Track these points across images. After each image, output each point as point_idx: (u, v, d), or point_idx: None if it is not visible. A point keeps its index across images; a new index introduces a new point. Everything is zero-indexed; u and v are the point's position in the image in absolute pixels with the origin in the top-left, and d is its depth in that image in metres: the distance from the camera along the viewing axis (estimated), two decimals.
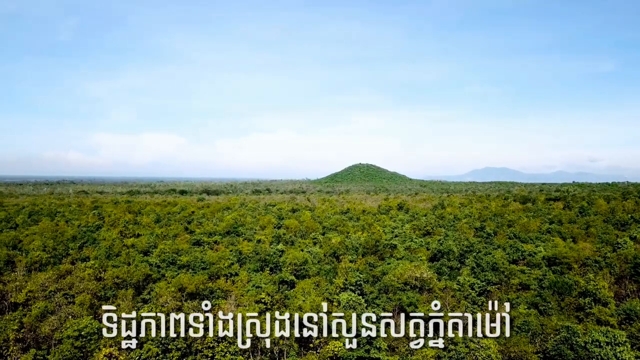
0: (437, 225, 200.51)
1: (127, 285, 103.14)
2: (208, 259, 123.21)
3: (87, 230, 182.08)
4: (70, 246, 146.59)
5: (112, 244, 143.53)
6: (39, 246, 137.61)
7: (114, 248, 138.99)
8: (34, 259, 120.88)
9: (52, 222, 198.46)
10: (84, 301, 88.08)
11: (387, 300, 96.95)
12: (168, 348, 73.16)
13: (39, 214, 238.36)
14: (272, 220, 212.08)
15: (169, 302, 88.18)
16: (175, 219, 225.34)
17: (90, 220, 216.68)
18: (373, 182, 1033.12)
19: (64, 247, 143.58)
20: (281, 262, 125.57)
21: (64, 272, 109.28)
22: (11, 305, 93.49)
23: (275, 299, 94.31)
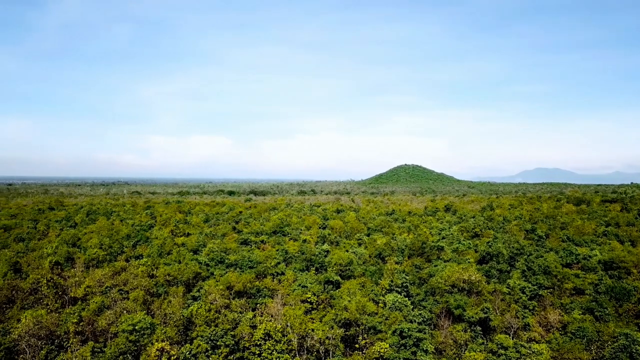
0: (485, 227, 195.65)
1: (177, 282, 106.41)
2: (255, 258, 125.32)
3: (140, 229, 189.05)
4: (125, 244, 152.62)
5: (164, 243, 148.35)
6: (96, 244, 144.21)
7: (165, 246, 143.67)
8: (92, 256, 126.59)
9: (108, 221, 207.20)
10: (138, 297, 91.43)
11: (434, 303, 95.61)
12: (217, 344, 74.97)
13: (96, 214, 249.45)
14: (317, 220, 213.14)
15: (218, 300, 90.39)
16: (223, 219, 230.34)
17: (143, 219, 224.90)
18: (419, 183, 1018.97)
19: (119, 245, 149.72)
20: (326, 262, 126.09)
21: (119, 269, 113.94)
22: (71, 300, 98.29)
23: (321, 298, 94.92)
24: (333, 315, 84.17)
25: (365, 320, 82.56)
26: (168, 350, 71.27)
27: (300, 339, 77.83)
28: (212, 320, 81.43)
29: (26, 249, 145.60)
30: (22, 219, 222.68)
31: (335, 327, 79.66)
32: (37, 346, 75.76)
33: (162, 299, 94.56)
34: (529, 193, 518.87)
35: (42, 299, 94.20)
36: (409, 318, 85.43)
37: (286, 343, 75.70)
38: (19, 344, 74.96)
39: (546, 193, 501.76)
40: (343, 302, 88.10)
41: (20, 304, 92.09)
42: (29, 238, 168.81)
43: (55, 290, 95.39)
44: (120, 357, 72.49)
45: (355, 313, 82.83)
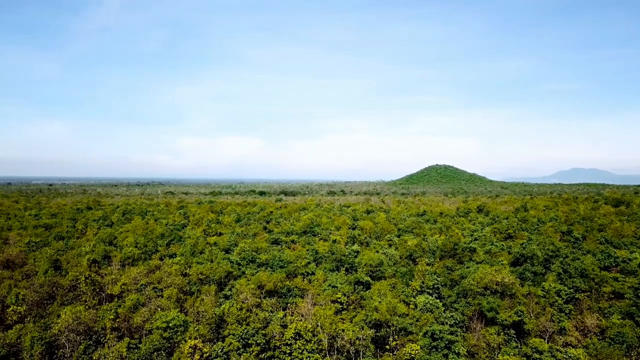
0: (519, 228, 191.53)
1: (210, 281, 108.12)
2: (286, 258, 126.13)
3: (174, 228, 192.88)
4: (159, 243, 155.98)
5: (197, 242, 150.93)
6: (132, 243, 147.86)
7: (198, 246, 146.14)
8: (127, 254, 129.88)
9: (143, 221, 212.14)
10: (172, 295, 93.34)
11: (466, 305, 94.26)
12: (248, 343, 75.84)
13: (131, 213, 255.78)
14: (347, 221, 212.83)
15: (249, 299, 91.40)
16: (254, 219, 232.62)
17: (177, 219, 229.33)
18: (450, 183, 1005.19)
19: (153, 244, 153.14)
20: (356, 262, 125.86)
21: (154, 267, 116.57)
22: (108, 297, 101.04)
23: (351, 299, 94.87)
24: (363, 316, 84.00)
25: (396, 321, 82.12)
26: (201, 348, 72.47)
27: (330, 339, 77.96)
28: (244, 319, 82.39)
29: (66, 247, 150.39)
30: (61, 218, 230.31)
31: (365, 327, 79.47)
32: (76, 341, 78.13)
33: (194, 297, 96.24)
34: (564, 194, 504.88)
35: (81, 296, 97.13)
36: (441, 320, 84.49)
37: (316, 343, 75.96)
38: (59, 338, 77.47)
39: (583, 194, 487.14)
40: (373, 302, 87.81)
41: (60, 300, 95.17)
42: (68, 236, 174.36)
43: (93, 287, 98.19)
44: (155, 353, 74.04)
45: (386, 314, 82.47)
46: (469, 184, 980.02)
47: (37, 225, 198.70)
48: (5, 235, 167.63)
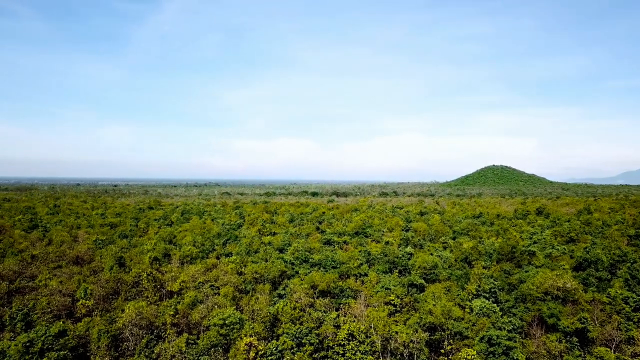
0: (582, 231, 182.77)
1: (264, 280, 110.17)
2: (338, 258, 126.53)
3: (230, 228, 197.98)
4: (216, 242, 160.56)
5: (252, 241, 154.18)
6: (190, 241, 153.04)
7: (253, 245, 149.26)
8: (186, 252, 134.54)
9: (200, 220, 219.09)
10: (228, 293, 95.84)
11: (524, 310, 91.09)
12: (302, 342, 76.69)
13: (189, 213, 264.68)
14: (400, 222, 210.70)
15: (302, 299, 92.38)
16: (307, 219, 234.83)
17: (233, 219, 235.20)
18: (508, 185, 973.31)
19: (210, 243, 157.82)
20: (410, 264, 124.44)
21: (211, 265, 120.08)
22: (168, 293, 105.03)
23: (405, 301, 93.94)
24: (417, 319, 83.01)
25: (451, 325, 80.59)
26: (256, 345, 73.98)
27: (384, 341, 77.59)
28: (297, 318, 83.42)
29: (129, 245, 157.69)
30: (125, 218, 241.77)
31: (419, 330, 78.51)
32: (139, 335, 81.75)
33: (250, 296, 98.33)
34: (632, 196, 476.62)
35: (143, 292, 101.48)
36: (498, 325, 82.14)
37: (370, 344, 75.82)
38: (123, 332, 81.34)
39: None
40: (428, 305, 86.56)
41: (124, 295, 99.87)
42: (131, 235, 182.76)
43: (154, 284, 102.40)
44: (212, 349, 76.27)
45: (441, 317, 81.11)
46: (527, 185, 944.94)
47: (103, 224, 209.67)
48: (74, 233, 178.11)
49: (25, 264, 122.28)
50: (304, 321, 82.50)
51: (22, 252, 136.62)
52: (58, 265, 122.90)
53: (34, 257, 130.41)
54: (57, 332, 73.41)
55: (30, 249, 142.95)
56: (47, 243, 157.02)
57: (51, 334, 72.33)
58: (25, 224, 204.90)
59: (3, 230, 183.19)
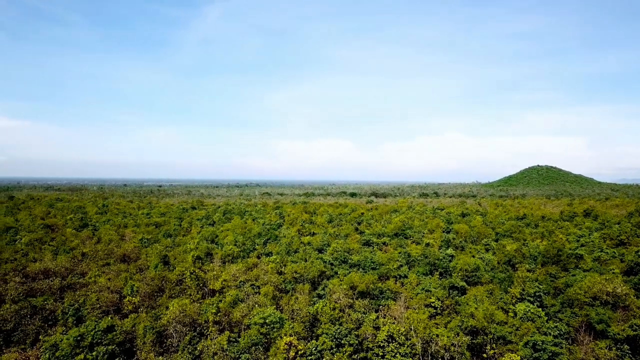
0: (634, 234, 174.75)
1: (304, 280, 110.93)
2: (377, 260, 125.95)
3: (270, 228, 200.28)
4: (256, 242, 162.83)
5: (291, 241, 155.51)
6: (231, 241, 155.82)
7: (292, 245, 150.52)
8: (228, 252, 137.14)
9: (241, 220, 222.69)
10: (268, 292, 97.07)
11: (571, 315, 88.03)
12: (341, 343, 76.79)
13: (231, 213, 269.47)
14: (441, 224, 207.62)
15: (342, 299, 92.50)
16: (346, 220, 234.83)
17: (273, 219, 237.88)
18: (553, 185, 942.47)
19: (251, 242, 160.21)
20: (451, 267, 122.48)
21: (251, 265, 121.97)
22: (210, 292, 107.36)
23: (446, 304, 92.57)
24: (459, 322, 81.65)
25: (494, 329, 78.85)
26: (296, 345, 74.58)
27: (424, 343, 76.72)
28: (337, 318, 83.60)
29: (173, 244, 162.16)
30: (169, 217, 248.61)
31: (461, 334, 77.20)
32: (182, 332, 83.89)
33: (289, 295, 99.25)
34: None
35: (186, 290, 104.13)
36: (543, 330, 79.74)
37: (410, 347, 75.14)
38: (167, 328, 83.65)
39: None
40: (469, 308, 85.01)
41: (169, 293, 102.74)
42: (175, 234, 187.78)
43: (197, 282, 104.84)
44: (253, 347, 77.37)
45: (483, 321, 79.51)
46: (574, 186, 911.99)
47: (149, 224, 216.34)
48: (121, 232, 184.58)
49: (76, 261, 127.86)
50: (343, 322, 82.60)
51: (73, 249, 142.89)
52: (106, 262, 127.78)
53: (84, 254, 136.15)
54: (105, 327, 76.26)
55: (80, 246, 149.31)
56: (96, 241, 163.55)
57: (100, 329, 75.20)
58: (76, 223, 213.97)
59: (56, 229, 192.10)
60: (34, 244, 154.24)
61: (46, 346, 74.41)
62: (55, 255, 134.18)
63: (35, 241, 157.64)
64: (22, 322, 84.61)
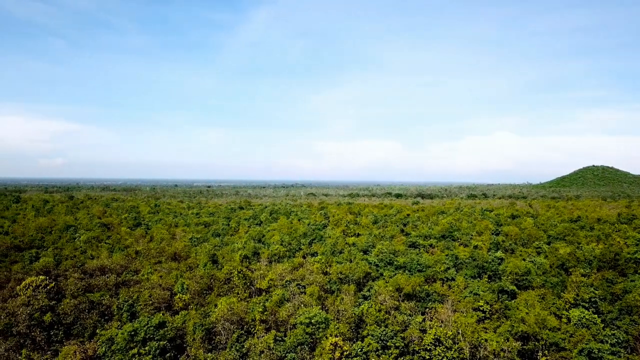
0: None
1: (349, 280, 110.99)
2: (424, 262, 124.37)
3: (315, 228, 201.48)
4: (302, 242, 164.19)
5: (336, 242, 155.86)
6: (278, 241, 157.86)
7: (337, 245, 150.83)
8: (274, 251, 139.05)
9: (287, 220, 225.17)
10: (313, 292, 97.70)
11: (630, 323, 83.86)
12: (387, 345, 76.33)
13: (277, 213, 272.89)
14: (490, 226, 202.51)
15: (387, 301, 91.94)
16: (391, 221, 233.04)
17: (318, 219, 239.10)
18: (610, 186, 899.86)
19: (297, 242, 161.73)
20: (500, 270, 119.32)
21: (297, 264, 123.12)
22: (257, 290, 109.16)
23: (495, 308, 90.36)
24: (508, 327, 79.49)
25: (546, 335, 76.27)
26: (341, 346, 74.72)
27: (472, 348, 75.16)
28: (382, 320, 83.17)
29: (221, 243, 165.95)
30: (218, 217, 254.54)
31: (511, 339, 75.15)
32: (230, 330, 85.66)
33: (335, 296, 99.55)
34: None
35: (234, 288, 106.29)
36: (599, 338, 76.44)
37: (457, 351, 73.80)
38: (216, 326, 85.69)
39: None
40: (520, 313, 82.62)
41: (217, 291, 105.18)
42: (223, 233, 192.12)
43: (244, 281, 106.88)
44: (298, 347, 78.09)
45: (534, 326, 77.07)
46: (632, 187, 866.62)
47: (198, 223, 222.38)
48: (172, 231, 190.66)
49: (130, 258, 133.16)
50: (389, 324, 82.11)
51: (128, 247, 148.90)
52: (158, 260, 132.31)
53: (138, 252, 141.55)
54: (157, 323, 78.97)
55: (134, 245, 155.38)
56: (149, 240, 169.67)
57: (152, 325, 77.96)
58: (130, 222, 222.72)
59: (112, 227, 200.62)
60: (91, 241, 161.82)
61: (103, 340, 77.95)
62: (111, 252, 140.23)
63: (92, 239, 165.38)
64: (80, 316, 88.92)
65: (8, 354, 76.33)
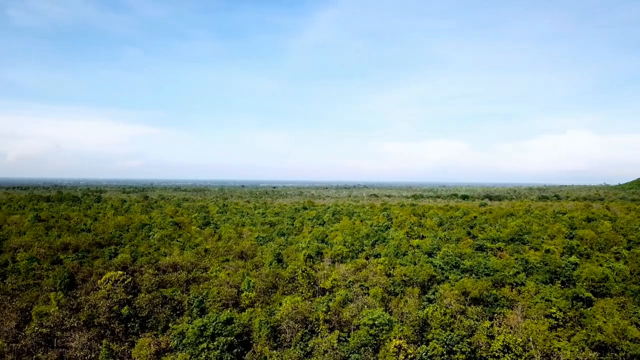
0: None
1: (413, 283, 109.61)
2: (492, 265, 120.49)
3: (378, 229, 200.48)
4: (365, 243, 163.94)
5: (400, 244, 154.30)
6: (340, 241, 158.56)
7: (401, 247, 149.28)
8: (337, 252, 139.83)
9: (350, 221, 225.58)
10: (377, 294, 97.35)
11: None
12: (452, 350, 74.81)
13: (340, 214, 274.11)
14: (563, 229, 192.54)
15: (453, 305, 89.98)
16: (457, 223, 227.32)
17: (381, 220, 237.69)
18: None
19: (359, 243, 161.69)
20: (575, 275, 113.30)
21: (360, 265, 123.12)
22: (320, 290, 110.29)
23: (569, 315, 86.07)
24: (584, 336, 75.46)
25: (626, 346, 71.72)
26: (405, 349, 74.02)
27: (544, 356, 72.09)
28: (448, 324, 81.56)
29: (286, 242, 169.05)
30: (283, 217, 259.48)
31: (587, 349, 71.33)
32: (295, 328, 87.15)
33: (398, 298, 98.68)
34: None
35: (298, 287, 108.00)
36: None
37: (528, 359, 71.06)
38: (280, 324, 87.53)
39: None
40: (597, 322, 78.17)
41: (282, 289, 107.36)
42: (288, 233, 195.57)
43: (308, 280, 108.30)
44: (362, 348, 78.18)
45: (613, 336, 72.69)
46: None
47: (264, 223, 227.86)
48: (239, 230, 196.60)
49: (200, 256, 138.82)
50: (454, 328, 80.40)
51: (197, 246, 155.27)
52: (226, 259, 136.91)
53: (207, 250, 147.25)
54: (225, 319, 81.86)
55: (203, 243, 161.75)
56: (217, 238, 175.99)
57: (221, 321, 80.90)
58: (200, 221, 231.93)
59: (183, 226, 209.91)
60: (164, 239, 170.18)
61: (175, 333, 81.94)
62: (182, 250, 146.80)
63: (165, 237, 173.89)
64: (154, 310, 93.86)
65: (90, 343, 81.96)
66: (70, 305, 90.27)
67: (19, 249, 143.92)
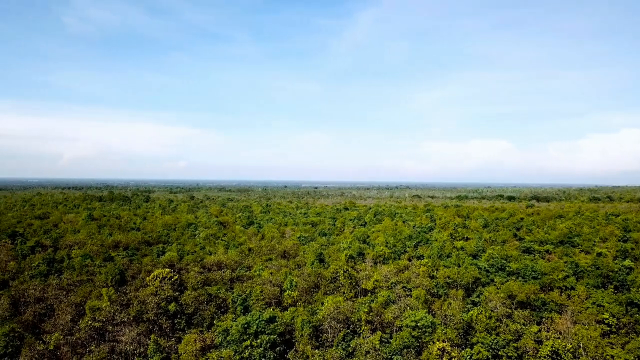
0: None
1: (457, 285, 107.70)
2: (539, 269, 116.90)
3: (420, 230, 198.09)
4: (407, 244, 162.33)
5: (443, 245, 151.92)
6: (382, 242, 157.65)
7: (444, 249, 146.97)
8: (379, 252, 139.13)
9: (392, 222, 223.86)
10: (420, 295, 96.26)
11: None
12: (498, 354, 73.17)
13: (381, 214, 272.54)
14: (616, 231, 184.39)
15: (498, 308, 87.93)
16: (503, 225, 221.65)
17: (424, 221, 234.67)
18: None
19: (401, 244, 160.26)
20: (629, 280, 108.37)
21: (402, 267, 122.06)
22: (362, 291, 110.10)
23: (622, 322, 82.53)
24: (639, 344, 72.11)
25: None
26: (449, 352, 72.92)
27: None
28: (493, 328, 79.78)
29: (327, 242, 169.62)
30: (324, 217, 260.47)
31: None
32: (336, 328, 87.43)
33: (442, 300, 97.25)
34: None
35: (340, 287, 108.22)
36: None
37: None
38: (322, 324, 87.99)
39: None
40: None
41: (324, 289, 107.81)
42: (329, 233, 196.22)
43: (350, 280, 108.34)
44: (404, 350, 77.55)
45: None
46: None
47: (306, 223, 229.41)
48: (282, 230, 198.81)
49: (243, 255, 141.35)
50: (500, 332, 78.60)
51: (241, 245, 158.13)
52: (269, 258, 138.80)
53: (251, 249, 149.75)
54: (268, 317, 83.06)
55: (247, 242, 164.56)
56: (261, 238, 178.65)
57: (264, 319, 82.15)
58: (244, 221, 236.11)
59: (227, 225, 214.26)
60: (209, 238, 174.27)
61: (219, 330, 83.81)
62: (227, 249, 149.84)
63: (210, 236, 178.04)
64: (200, 307, 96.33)
65: (139, 338, 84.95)
66: (120, 301, 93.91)
67: (74, 246, 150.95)
